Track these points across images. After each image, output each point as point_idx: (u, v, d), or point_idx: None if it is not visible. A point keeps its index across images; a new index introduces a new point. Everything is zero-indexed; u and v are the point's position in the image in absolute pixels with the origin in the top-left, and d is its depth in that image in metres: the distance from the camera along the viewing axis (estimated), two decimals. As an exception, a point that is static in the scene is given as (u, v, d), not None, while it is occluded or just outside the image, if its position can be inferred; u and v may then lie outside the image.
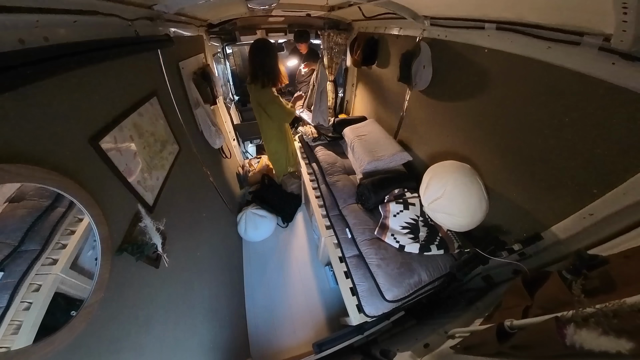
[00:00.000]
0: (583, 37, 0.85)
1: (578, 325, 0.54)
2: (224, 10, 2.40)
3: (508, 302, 0.93)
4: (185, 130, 1.62)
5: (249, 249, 2.69)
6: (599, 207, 0.89)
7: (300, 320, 2.15)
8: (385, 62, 2.37)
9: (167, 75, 1.43)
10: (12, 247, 0.61)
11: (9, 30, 0.57)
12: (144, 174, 1.05)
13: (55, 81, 0.68)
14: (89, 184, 0.73)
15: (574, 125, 0.96)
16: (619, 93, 0.80)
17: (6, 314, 0.55)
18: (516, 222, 1.26)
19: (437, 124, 1.77)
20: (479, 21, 1.25)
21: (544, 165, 1.09)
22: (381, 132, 2.21)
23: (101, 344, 0.72)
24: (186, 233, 1.42)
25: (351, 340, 1.54)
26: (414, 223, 1.57)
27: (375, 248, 1.52)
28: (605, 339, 0.49)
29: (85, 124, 0.78)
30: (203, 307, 1.46)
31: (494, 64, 1.26)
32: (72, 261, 0.71)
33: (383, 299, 1.38)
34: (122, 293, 0.83)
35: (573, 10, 0.84)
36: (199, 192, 1.74)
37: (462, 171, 1.39)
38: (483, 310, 1.18)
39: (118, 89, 0.99)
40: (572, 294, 0.63)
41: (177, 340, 1.11)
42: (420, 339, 1.15)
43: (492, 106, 1.31)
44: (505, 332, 0.75)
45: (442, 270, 1.44)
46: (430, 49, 1.66)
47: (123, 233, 0.86)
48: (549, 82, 1.02)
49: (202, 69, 2.14)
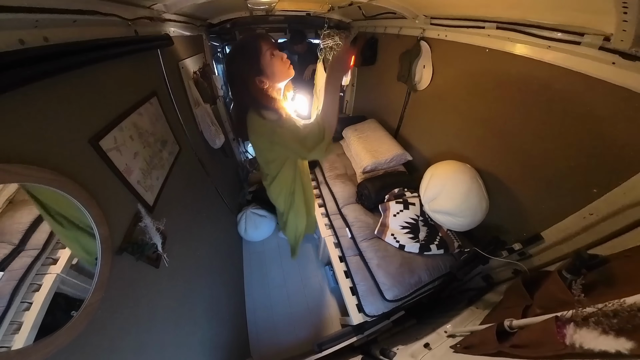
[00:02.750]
0: (583, 37, 0.85)
1: (578, 325, 0.54)
2: (223, 10, 2.39)
3: (508, 302, 0.93)
4: (185, 130, 1.62)
5: (249, 249, 2.69)
6: (599, 207, 0.89)
7: (300, 319, 2.15)
8: (385, 62, 2.36)
9: (167, 75, 1.43)
10: (12, 247, 0.61)
11: (9, 30, 0.57)
12: (144, 173, 1.05)
13: (55, 81, 0.68)
14: (89, 184, 0.73)
15: (573, 125, 0.96)
16: (619, 92, 0.80)
17: (6, 314, 0.55)
18: (516, 221, 1.26)
19: (437, 124, 1.77)
20: (479, 21, 1.25)
21: (543, 165, 1.09)
22: (381, 131, 2.21)
23: (102, 343, 0.72)
24: (186, 233, 1.42)
25: (351, 340, 1.54)
26: (414, 223, 1.57)
27: (375, 248, 1.52)
28: (604, 339, 0.49)
29: (85, 124, 0.78)
30: (203, 307, 1.46)
31: (494, 63, 1.26)
32: (72, 261, 0.71)
33: (383, 299, 1.38)
34: (122, 293, 0.83)
35: (573, 9, 0.84)
36: (199, 191, 1.74)
37: (462, 171, 1.39)
38: (483, 310, 1.18)
39: (118, 88, 0.99)
40: (571, 294, 0.63)
41: (177, 340, 1.11)
42: (421, 339, 1.15)
43: (492, 106, 1.31)
44: (505, 332, 0.75)
45: (442, 269, 1.44)
46: (430, 49, 1.66)
47: (123, 233, 0.86)
48: (549, 81, 1.02)
49: (202, 69, 2.13)
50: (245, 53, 1.10)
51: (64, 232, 0.69)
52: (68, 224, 0.69)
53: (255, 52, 1.09)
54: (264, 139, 1.17)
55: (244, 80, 1.11)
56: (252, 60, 1.09)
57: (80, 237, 0.72)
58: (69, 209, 0.67)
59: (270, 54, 1.10)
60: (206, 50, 2.51)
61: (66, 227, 0.69)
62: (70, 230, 0.70)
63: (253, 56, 1.09)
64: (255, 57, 1.09)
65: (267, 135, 1.13)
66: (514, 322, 0.73)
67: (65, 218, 0.68)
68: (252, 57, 1.09)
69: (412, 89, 1.92)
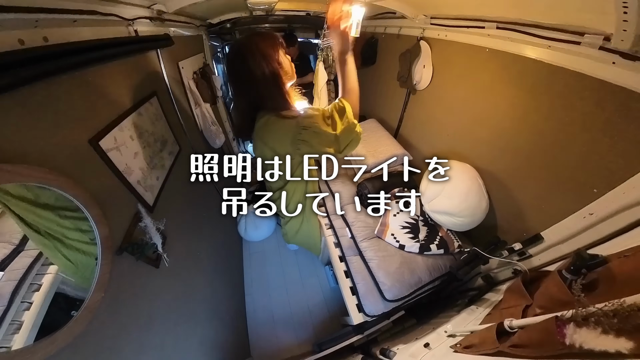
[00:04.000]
0: (583, 37, 0.85)
1: (578, 325, 0.54)
2: (223, 10, 2.39)
3: (508, 302, 0.93)
4: (185, 130, 1.62)
5: (249, 249, 2.69)
6: (599, 206, 0.89)
7: (300, 319, 2.15)
8: (385, 62, 2.36)
9: (166, 75, 1.43)
10: (12, 247, 0.61)
11: (9, 30, 0.57)
12: (144, 173, 1.05)
13: (55, 81, 0.68)
14: (89, 184, 0.73)
15: (573, 125, 0.96)
16: (619, 92, 0.80)
17: (7, 314, 0.55)
18: (516, 221, 1.26)
19: (437, 124, 1.77)
20: (479, 20, 1.25)
21: (543, 165, 1.09)
22: (381, 131, 2.21)
23: (102, 343, 0.73)
24: (186, 233, 1.42)
25: (351, 340, 1.54)
26: (414, 222, 1.57)
27: (375, 247, 1.52)
28: (604, 338, 0.49)
29: (85, 124, 0.78)
30: (203, 307, 1.46)
31: (494, 63, 1.26)
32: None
33: (383, 299, 1.38)
34: (122, 293, 0.83)
35: (573, 9, 0.84)
36: (199, 191, 1.74)
37: (462, 170, 1.39)
38: (483, 310, 1.18)
39: (118, 88, 0.99)
40: (571, 294, 0.63)
41: (177, 340, 1.11)
42: (420, 339, 1.15)
43: (492, 106, 1.31)
44: (505, 332, 0.75)
45: (442, 269, 1.44)
46: (430, 49, 1.66)
47: (123, 233, 0.86)
48: (548, 81, 1.02)
49: (202, 68, 2.13)
50: (262, 47, 0.98)
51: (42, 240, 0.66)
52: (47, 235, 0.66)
53: (274, 46, 1.00)
54: (286, 142, 1.01)
55: (260, 75, 0.97)
56: (271, 53, 0.99)
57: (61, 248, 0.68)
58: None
59: (283, 50, 1.04)
60: (206, 50, 2.51)
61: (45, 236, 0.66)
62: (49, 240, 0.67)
63: (271, 49, 0.99)
64: (275, 51, 1.00)
65: (292, 135, 0.99)
66: (514, 322, 0.73)
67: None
68: (270, 51, 0.99)
69: (412, 89, 1.92)
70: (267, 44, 1.00)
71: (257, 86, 1.00)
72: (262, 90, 1.00)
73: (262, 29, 3.25)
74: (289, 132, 0.99)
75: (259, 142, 1.10)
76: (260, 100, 1.03)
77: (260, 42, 1.00)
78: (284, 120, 1.00)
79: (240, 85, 1.05)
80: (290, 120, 0.99)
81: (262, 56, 0.97)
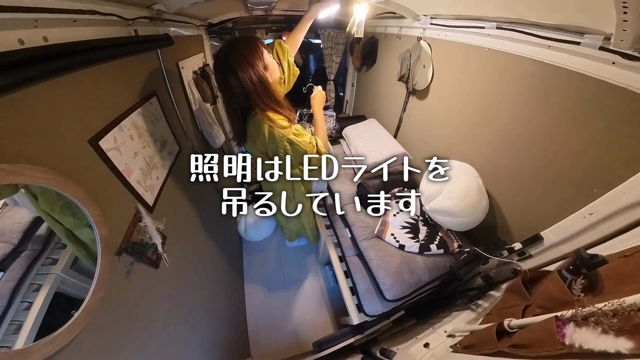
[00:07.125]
0: (583, 37, 0.85)
1: (577, 325, 0.54)
2: (223, 10, 2.39)
3: (508, 302, 0.93)
4: (185, 130, 1.62)
5: (249, 249, 2.69)
6: (599, 206, 0.89)
7: (300, 319, 2.15)
8: (385, 62, 2.36)
9: (166, 75, 1.43)
10: (12, 247, 0.61)
11: (9, 30, 0.57)
12: (144, 173, 1.05)
13: (55, 81, 0.68)
14: (89, 184, 0.73)
15: (573, 125, 0.96)
16: (619, 92, 0.80)
17: (6, 314, 0.55)
18: (516, 221, 1.26)
19: (437, 124, 1.77)
20: (479, 20, 1.25)
21: (544, 165, 1.09)
22: (381, 131, 2.21)
23: (102, 343, 0.73)
24: (186, 233, 1.42)
25: (351, 340, 1.54)
26: (414, 222, 1.57)
27: (375, 247, 1.52)
28: (604, 338, 0.49)
29: (85, 123, 0.78)
30: (203, 307, 1.46)
31: (494, 63, 1.26)
32: (72, 261, 0.71)
33: (383, 299, 1.38)
34: (122, 293, 0.83)
35: (573, 9, 0.84)
36: (199, 191, 1.74)
37: (462, 170, 1.39)
38: (483, 310, 1.18)
39: (118, 88, 0.99)
40: (571, 294, 0.63)
41: (177, 340, 1.11)
42: (420, 338, 1.15)
43: (492, 106, 1.31)
44: (505, 332, 0.75)
45: (442, 269, 1.44)
46: (430, 49, 1.66)
47: (123, 233, 0.86)
48: (548, 81, 1.02)
49: (202, 68, 2.13)
50: (247, 54, 1.04)
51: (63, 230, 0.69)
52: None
53: (258, 50, 1.06)
54: (271, 147, 1.14)
55: (249, 83, 1.03)
56: (256, 60, 1.04)
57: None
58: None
59: (266, 50, 1.12)
60: (206, 50, 2.51)
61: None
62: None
63: (256, 55, 1.05)
64: (259, 55, 1.06)
65: (276, 144, 1.12)
66: (514, 321, 0.73)
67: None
68: (255, 57, 1.04)
69: (412, 89, 1.92)
70: (250, 50, 1.05)
71: (246, 93, 1.06)
72: (252, 95, 1.07)
73: (261, 29, 3.24)
74: (273, 142, 1.12)
75: (249, 139, 1.22)
76: (250, 105, 1.12)
77: (244, 49, 1.05)
78: (273, 130, 1.10)
79: (231, 94, 1.10)
80: (279, 130, 1.10)
81: (248, 64, 1.03)
